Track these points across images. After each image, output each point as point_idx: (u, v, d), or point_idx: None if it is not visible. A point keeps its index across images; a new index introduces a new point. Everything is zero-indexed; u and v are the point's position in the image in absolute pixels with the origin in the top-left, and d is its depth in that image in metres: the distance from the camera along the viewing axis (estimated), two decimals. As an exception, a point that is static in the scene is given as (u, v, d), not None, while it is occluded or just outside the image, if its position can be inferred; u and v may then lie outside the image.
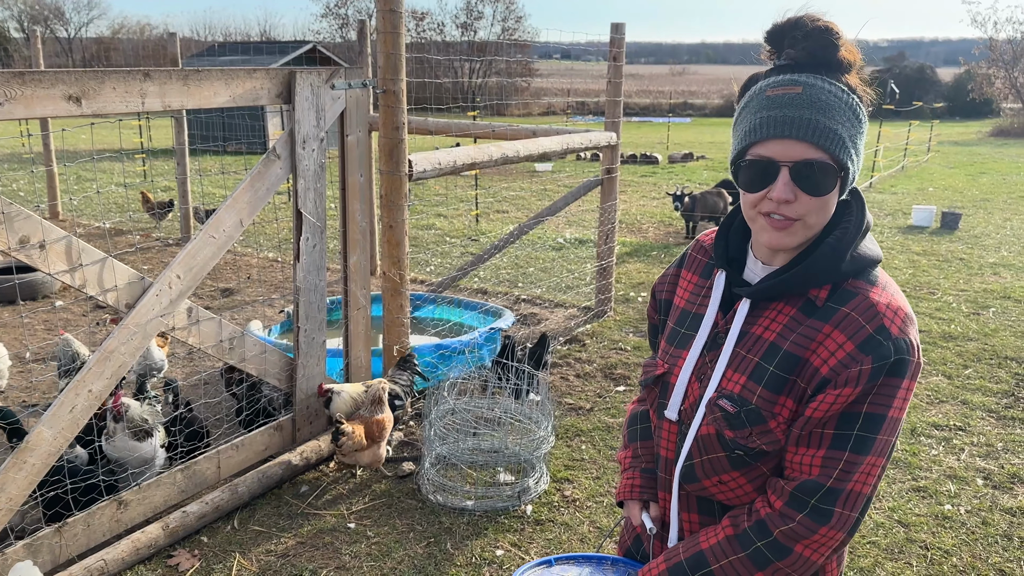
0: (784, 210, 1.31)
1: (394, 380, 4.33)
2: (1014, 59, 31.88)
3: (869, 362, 1.27)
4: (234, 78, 3.47)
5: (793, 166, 1.29)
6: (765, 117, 1.30)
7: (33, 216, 2.88)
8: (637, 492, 1.62)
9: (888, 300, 1.33)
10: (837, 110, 1.29)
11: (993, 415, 4.90)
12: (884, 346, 1.27)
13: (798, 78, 1.31)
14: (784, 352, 1.35)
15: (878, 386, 1.28)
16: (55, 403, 3.03)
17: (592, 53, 9.03)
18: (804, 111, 1.28)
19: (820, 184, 1.29)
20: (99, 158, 16.31)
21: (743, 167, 1.34)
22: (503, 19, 44.18)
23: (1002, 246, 9.84)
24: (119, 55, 41.15)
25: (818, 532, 1.30)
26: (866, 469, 1.31)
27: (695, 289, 1.55)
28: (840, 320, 1.31)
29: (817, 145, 1.28)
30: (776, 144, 1.30)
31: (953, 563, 3.41)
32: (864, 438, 1.29)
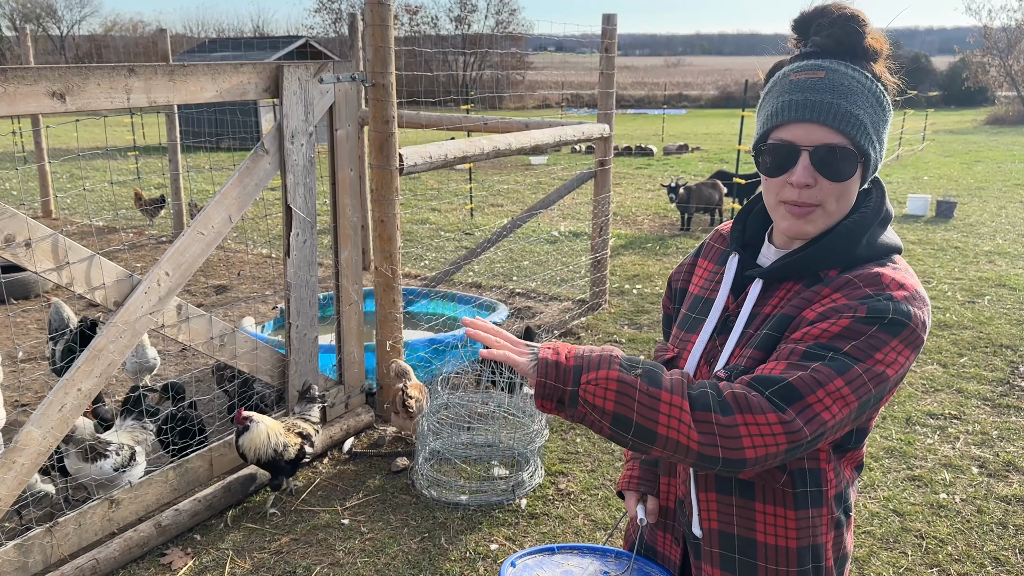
0: (804, 195, 1.31)
1: (304, 416, 3.87)
2: (1008, 47, 31.86)
3: (864, 310, 1.24)
4: (220, 73, 3.44)
5: (814, 150, 1.29)
6: (787, 101, 1.31)
7: (18, 214, 2.85)
8: (635, 484, 1.63)
9: (896, 276, 1.30)
10: (860, 96, 1.29)
11: (988, 403, 4.90)
12: (881, 303, 1.25)
13: (821, 63, 1.32)
14: (781, 315, 1.35)
15: (866, 335, 1.23)
16: (44, 402, 3.01)
17: (586, 45, 9.01)
18: (826, 95, 1.28)
19: (840, 169, 1.29)
20: (91, 156, 16.27)
21: (764, 151, 1.35)
22: (497, 12, 44.10)
23: (997, 234, 9.84)
24: (112, 52, 40.95)
25: (764, 415, 1.19)
26: (832, 391, 1.21)
27: (709, 276, 1.56)
28: (842, 284, 1.30)
29: (838, 130, 1.28)
30: (797, 128, 1.30)
31: (948, 552, 3.41)
32: (838, 360, 1.22)
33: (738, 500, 1.41)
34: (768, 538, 1.40)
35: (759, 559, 1.42)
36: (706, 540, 1.47)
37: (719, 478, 1.43)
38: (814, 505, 1.39)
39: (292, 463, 3.65)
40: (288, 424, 3.71)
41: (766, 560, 1.41)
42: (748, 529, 1.42)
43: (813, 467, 1.38)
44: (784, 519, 1.39)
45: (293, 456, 3.63)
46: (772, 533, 1.40)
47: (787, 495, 1.38)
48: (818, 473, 1.39)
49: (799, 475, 1.38)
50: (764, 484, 1.38)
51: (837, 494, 1.42)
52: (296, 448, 3.64)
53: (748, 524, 1.42)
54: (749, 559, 1.42)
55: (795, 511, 1.38)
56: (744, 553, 1.43)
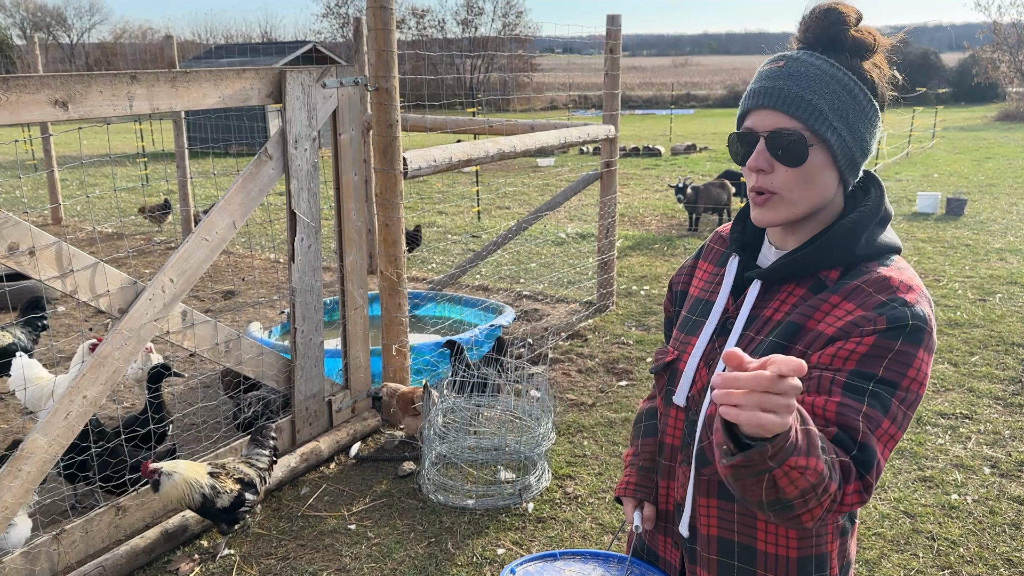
0: (763, 181, 1.32)
1: (249, 460, 3.50)
2: (1019, 43, 31.65)
3: (884, 322, 1.24)
4: (223, 78, 3.44)
5: (768, 135, 1.31)
6: (750, 91, 1.36)
7: (22, 222, 2.86)
8: (631, 490, 1.62)
9: (903, 277, 1.30)
10: (815, 81, 1.30)
11: (1000, 402, 4.85)
12: (899, 310, 1.24)
13: (786, 54, 1.35)
14: (787, 323, 1.34)
15: (894, 352, 1.22)
16: (50, 410, 3.02)
17: (593, 47, 8.99)
18: (779, 82, 1.31)
19: (792, 153, 1.29)
20: (99, 163, 16.36)
21: (732, 140, 1.38)
22: (503, 15, 44.13)
23: (1008, 231, 9.75)
24: (121, 60, 41.20)
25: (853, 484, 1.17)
26: (883, 435, 1.20)
27: (709, 278, 1.55)
28: (849, 292, 1.30)
29: (788, 114, 1.30)
30: (756, 115, 1.33)
31: (960, 553, 3.37)
32: (880, 395, 1.20)
33: (740, 508, 1.40)
34: (769, 547, 1.39)
35: (759, 567, 1.40)
36: (704, 546, 1.45)
37: (721, 484, 1.41)
38: None
39: (227, 511, 3.28)
40: (229, 468, 3.36)
41: (766, 569, 1.39)
42: (749, 537, 1.40)
43: None
44: (786, 529, 1.36)
45: (227, 504, 3.26)
46: (773, 543, 1.38)
47: None
48: None
49: None
50: None
51: None
52: (232, 496, 3.27)
53: (749, 532, 1.40)
54: (748, 567, 1.41)
55: None
56: (744, 560, 1.41)
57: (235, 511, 3.32)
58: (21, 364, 4.17)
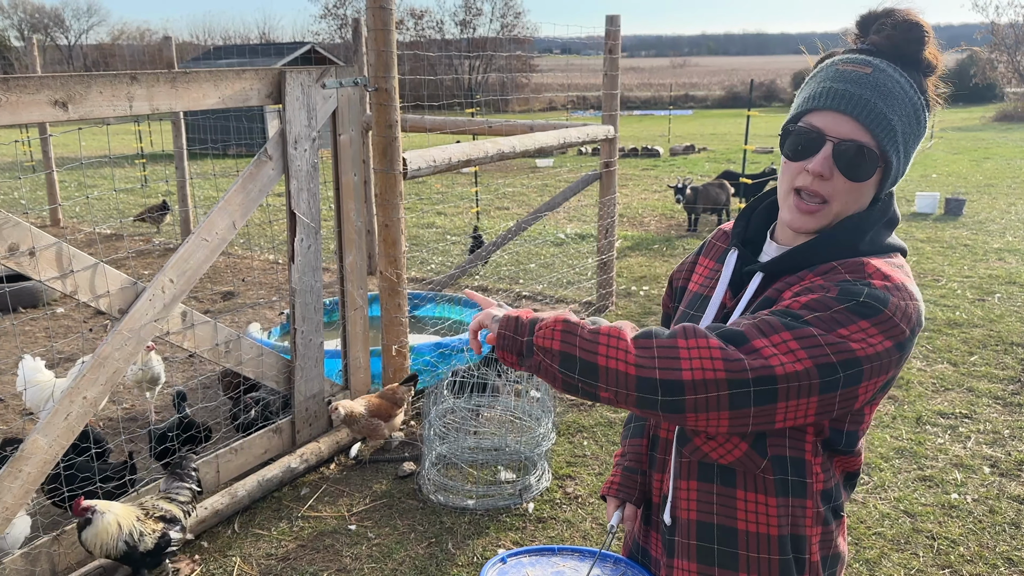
0: (817, 186, 1.30)
1: (169, 496, 3.21)
2: (1017, 43, 31.68)
3: (836, 291, 1.23)
4: (223, 79, 3.44)
5: (838, 143, 1.28)
6: (827, 88, 1.30)
7: (22, 223, 2.86)
8: (614, 490, 1.64)
9: (883, 267, 1.28)
10: (899, 101, 1.28)
11: (999, 402, 4.85)
12: (856, 287, 1.23)
13: (872, 60, 1.30)
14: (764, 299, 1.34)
15: (832, 311, 1.20)
16: (50, 411, 3.01)
17: (592, 47, 8.99)
18: (866, 91, 1.27)
19: (859, 168, 1.28)
20: (98, 164, 16.35)
21: (791, 132, 1.33)
22: (502, 15, 44.14)
23: (1007, 231, 9.77)
24: (119, 61, 41.16)
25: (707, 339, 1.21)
26: (778, 342, 1.19)
27: (709, 274, 1.55)
28: (825, 271, 1.30)
29: (868, 128, 1.27)
30: (829, 116, 1.29)
31: (960, 552, 3.38)
32: (793, 322, 1.20)
33: (719, 488, 1.40)
34: (750, 526, 1.39)
35: (740, 547, 1.40)
36: (683, 532, 1.45)
37: (701, 465, 1.41)
38: (796, 495, 1.37)
39: (152, 554, 3.02)
40: (148, 507, 3.09)
41: (747, 548, 1.39)
42: (729, 518, 1.40)
43: (796, 456, 1.35)
44: (766, 506, 1.37)
45: (151, 546, 3.00)
46: (754, 521, 1.39)
47: (768, 482, 1.36)
48: (801, 463, 1.36)
49: (779, 462, 1.35)
50: (745, 471, 1.37)
51: (824, 490, 1.40)
52: (155, 537, 3.02)
53: (729, 512, 1.40)
54: (729, 548, 1.41)
55: (776, 498, 1.37)
56: (724, 543, 1.41)
57: (159, 554, 3.05)
58: (24, 365, 4.17)
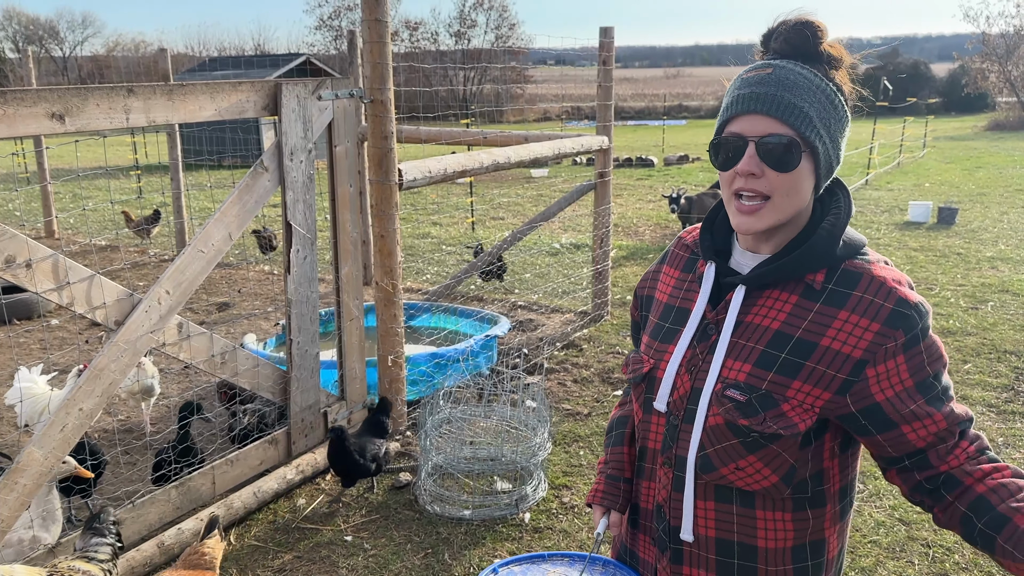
0: (752, 184, 1.34)
1: (87, 554, 2.78)
2: (1007, 53, 31.90)
3: (901, 335, 1.32)
4: (219, 91, 3.46)
5: (759, 140, 1.33)
6: (736, 96, 1.37)
7: (18, 235, 2.86)
8: (598, 497, 1.68)
9: (891, 273, 1.37)
10: (806, 90, 1.34)
11: (993, 410, 4.87)
12: (910, 316, 1.32)
13: (771, 61, 1.38)
14: (797, 339, 1.37)
15: (924, 350, 1.33)
16: (45, 423, 3.01)
17: (586, 58, 9.05)
18: (771, 88, 1.34)
19: (785, 159, 1.32)
20: (93, 175, 16.34)
21: (716, 145, 1.40)
22: (496, 27, 44.31)
23: (999, 240, 9.82)
24: (114, 72, 41.20)
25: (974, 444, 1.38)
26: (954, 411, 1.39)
27: (677, 283, 1.56)
28: (855, 304, 1.34)
29: (782, 120, 1.32)
30: (745, 120, 1.35)
31: (955, 560, 3.39)
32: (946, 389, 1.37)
33: (738, 509, 1.43)
34: (769, 543, 1.43)
35: (759, 562, 1.44)
36: (700, 546, 1.48)
37: (718, 487, 1.44)
38: (816, 505, 1.43)
39: None
40: (61, 568, 2.68)
41: (767, 563, 1.44)
42: (749, 536, 1.44)
43: (816, 470, 1.41)
44: (783, 522, 1.42)
45: None
46: (772, 538, 1.43)
47: (787, 500, 1.41)
48: (820, 474, 1.42)
49: (801, 484, 1.41)
50: (766, 494, 1.40)
51: (841, 488, 1.45)
52: None
53: (749, 532, 1.43)
54: (749, 563, 1.45)
55: (792, 513, 1.42)
56: (744, 558, 1.45)
57: None
58: (19, 377, 4.17)
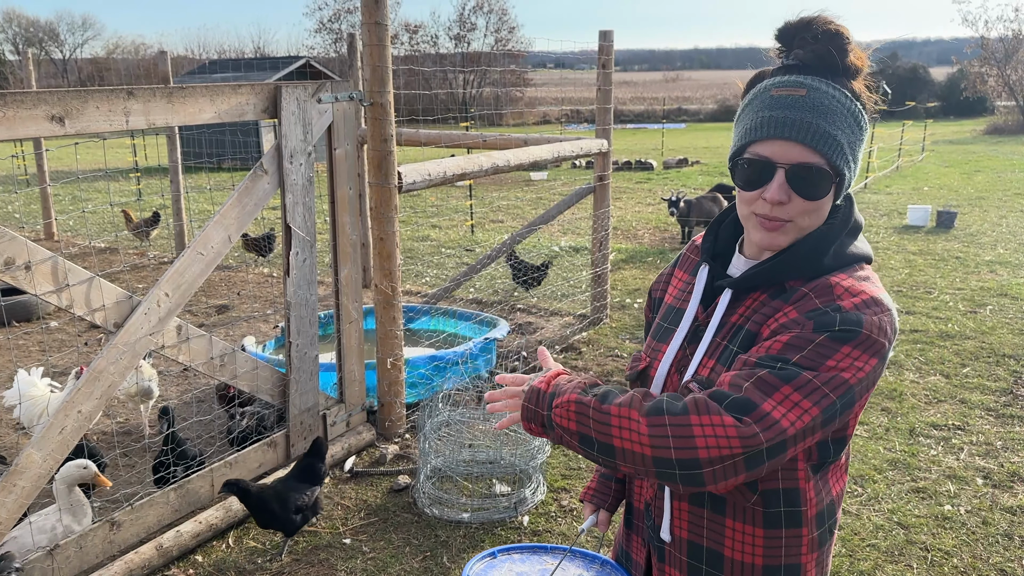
0: (777, 211, 1.32)
1: None
2: (1006, 57, 31.95)
3: (810, 326, 1.26)
4: (219, 94, 3.46)
5: (790, 168, 1.29)
6: (767, 117, 1.31)
7: (18, 237, 2.86)
8: (589, 495, 1.73)
9: (851, 284, 1.31)
10: (839, 116, 1.29)
11: (992, 413, 4.88)
12: (829, 315, 1.25)
13: (803, 80, 1.32)
14: (745, 331, 1.36)
15: (814, 344, 1.23)
16: (44, 425, 3.01)
17: (585, 61, 9.05)
18: (806, 114, 1.29)
19: (815, 188, 1.30)
20: (93, 178, 16.34)
21: (741, 165, 1.35)
22: (496, 30, 44.35)
23: (998, 243, 9.83)
24: (114, 75, 41.20)
25: (720, 416, 1.21)
26: (782, 399, 1.21)
27: (683, 286, 1.57)
28: (798, 299, 1.32)
29: (816, 149, 1.29)
30: (775, 144, 1.30)
31: (954, 564, 3.39)
32: (786, 370, 1.23)
33: (709, 513, 1.42)
34: (735, 554, 1.41)
35: (725, 572, 1.42)
36: (675, 546, 1.48)
37: None
38: (790, 525, 1.39)
39: None
40: None
41: (733, 574, 1.42)
42: (717, 543, 1.42)
43: (790, 487, 1.37)
44: (752, 536, 1.39)
45: None
46: (740, 550, 1.41)
47: (757, 513, 1.38)
48: (796, 493, 1.38)
49: (772, 495, 1.37)
50: (735, 501, 1.39)
51: (819, 512, 1.41)
52: None
53: (717, 538, 1.42)
54: (716, 571, 1.43)
55: (764, 529, 1.38)
56: (711, 565, 1.43)
57: None
58: (19, 379, 4.17)
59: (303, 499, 3.46)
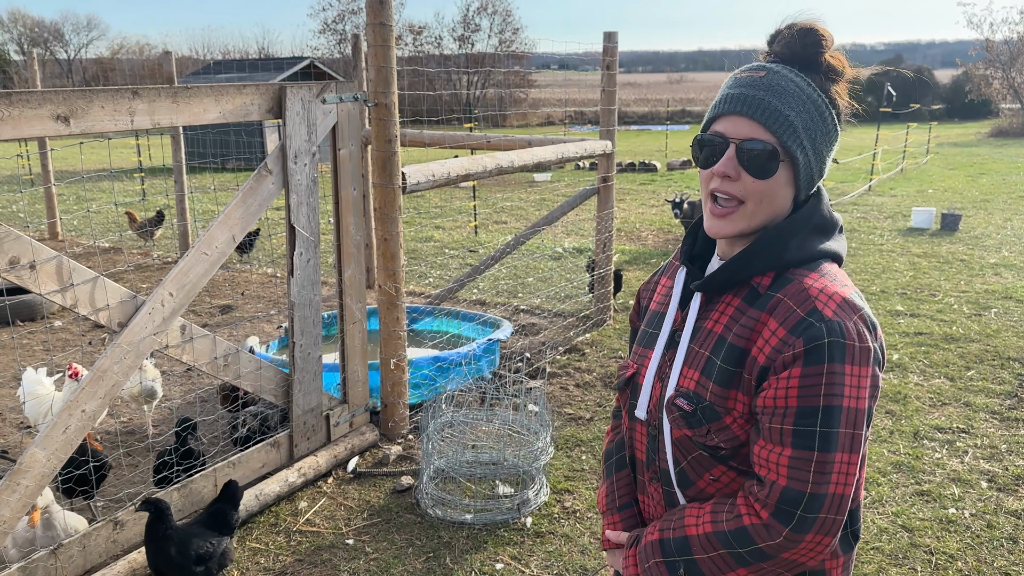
0: (726, 186, 1.33)
1: None
2: (1011, 59, 31.89)
3: (800, 344, 1.26)
4: (224, 94, 3.47)
5: (740, 144, 1.32)
6: (725, 95, 1.36)
7: (23, 236, 2.87)
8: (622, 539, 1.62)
9: (824, 286, 1.30)
10: (794, 98, 1.31)
11: (996, 416, 4.86)
12: (815, 327, 1.25)
13: (767, 65, 1.36)
14: (728, 344, 1.35)
15: (824, 375, 1.25)
16: (48, 424, 3.01)
17: (589, 63, 9.06)
18: (759, 91, 1.32)
19: (763, 166, 1.31)
20: (97, 178, 16.37)
21: (698, 142, 1.38)
22: (500, 31, 44.36)
23: (1003, 246, 9.81)
24: (118, 75, 41.28)
25: (804, 541, 1.27)
26: (840, 468, 1.26)
27: (665, 291, 1.56)
28: (774, 307, 1.31)
29: (765, 126, 1.31)
30: (729, 120, 1.34)
31: (958, 567, 3.38)
32: (827, 434, 1.25)
33: None
34: None
35: None
36: None
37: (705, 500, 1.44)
38: None
39: None
40: None
41: None
42: None
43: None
44: None
45: None
46: None
47: None
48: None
49: None
50: None
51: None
52: None
53: None
54: None
55: None
56: None
57: None
58: (25, 377, 4.17)
59: (206, 548, 3.02)
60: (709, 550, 1.33)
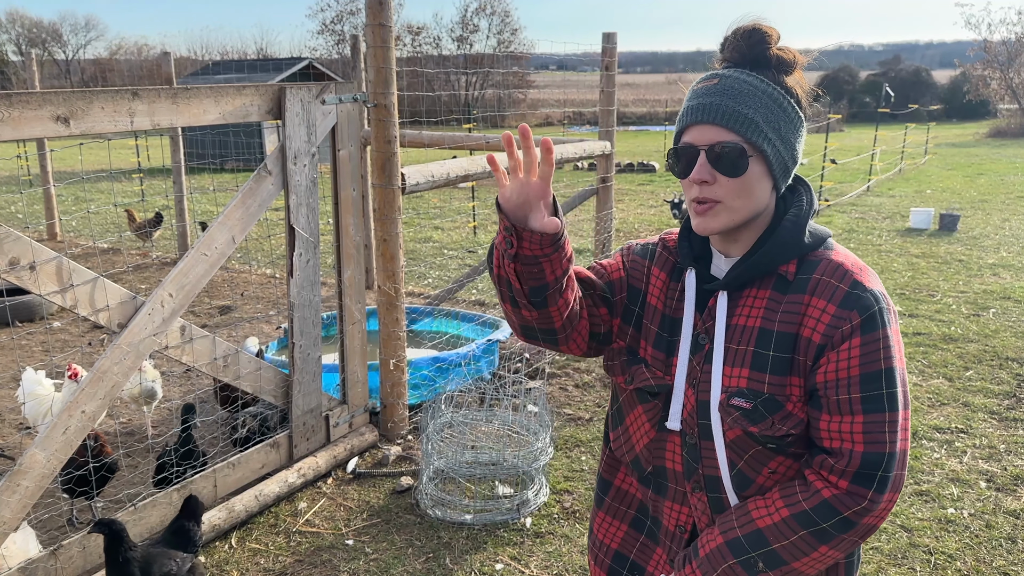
0: (706, 191, 1.38)
1: None
2: (1009, 60, 31.94)
3: (856, 316, 1.33)
4: (223, 95, 3.47)
5: (708, 148, 1.37)
6: (687, 107, 1.42)
7: (23, 237, 2.87)
8: None
9: (850, 259, 1.41)
10: (751, 96, 1.37)
11: (995, 416, 4.87)
12: (864, 297, 1.34)
13: (719, 72, 1.42)
14: (777, 333, 1.39)
15: (881, 340, 1.33)
16: (48, 425, 3.01)
17: (587, 64, 9.06)
18: (716, 97, 1.37)
19: (733, 164, 1.36)
20: (96, 178, 16.36)
21: (672, 155, 1.44)
22: (499, 32, 44.39)
23: (1001, 247, 9.82)
24: (117, 76, 41.26)
25: (883, 500, 1.34)
26: (904, 425, 1.36)
27: (668, 291, 1.53)
28: (815, 287, 1.38)
29: (728, 127, 1.36)
30: (695, 130, 1.39)
31: (957, 567, 3.38)
32: (892, 395, 1.34)
33: None
34: None
35: None
36: None
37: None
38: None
39: None
40: None
41: None
42: None
43: None
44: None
45: None
46: None
47: None
48: None
49: None
50: None
51: None
52: None
53: None
54: None
55: None
56: None
57: None
58: (25, 378, 4.17)
59: (170, 567, 2.82)
60: (789, 535, 1.36)
